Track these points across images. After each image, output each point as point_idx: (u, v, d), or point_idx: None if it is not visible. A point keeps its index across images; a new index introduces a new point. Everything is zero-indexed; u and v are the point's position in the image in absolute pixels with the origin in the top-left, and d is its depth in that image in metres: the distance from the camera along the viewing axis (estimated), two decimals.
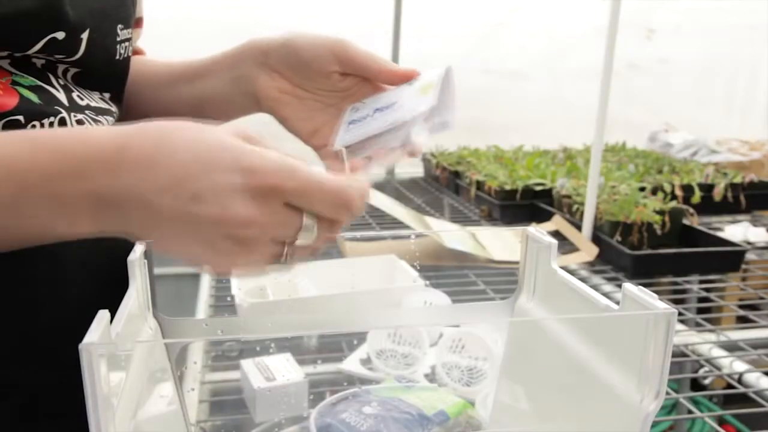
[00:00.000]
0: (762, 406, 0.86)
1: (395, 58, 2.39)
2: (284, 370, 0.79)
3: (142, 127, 0.40)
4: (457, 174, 2.03)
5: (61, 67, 0.49)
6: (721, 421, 1.63)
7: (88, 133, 0.41)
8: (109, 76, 0.54)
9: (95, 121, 0.50)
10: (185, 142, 0.40)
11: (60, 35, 0.46)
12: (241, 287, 1.02)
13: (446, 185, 2.11)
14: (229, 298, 1.02)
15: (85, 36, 0.48)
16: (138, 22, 0.62)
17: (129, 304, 0.39)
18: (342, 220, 0.43)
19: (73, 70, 0.50)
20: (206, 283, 1.26)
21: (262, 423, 0.74)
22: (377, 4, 2.40)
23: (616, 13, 1.28)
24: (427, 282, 1.09)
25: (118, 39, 0.53)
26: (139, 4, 0.61)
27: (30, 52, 0.45)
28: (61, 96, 0.48)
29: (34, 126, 0.45)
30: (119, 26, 0.53)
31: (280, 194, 0.39)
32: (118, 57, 0.54)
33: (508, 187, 1.73)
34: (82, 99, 0.50)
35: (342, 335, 0.98)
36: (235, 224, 0.39)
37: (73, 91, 0.49)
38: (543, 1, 2.73)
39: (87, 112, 0.50)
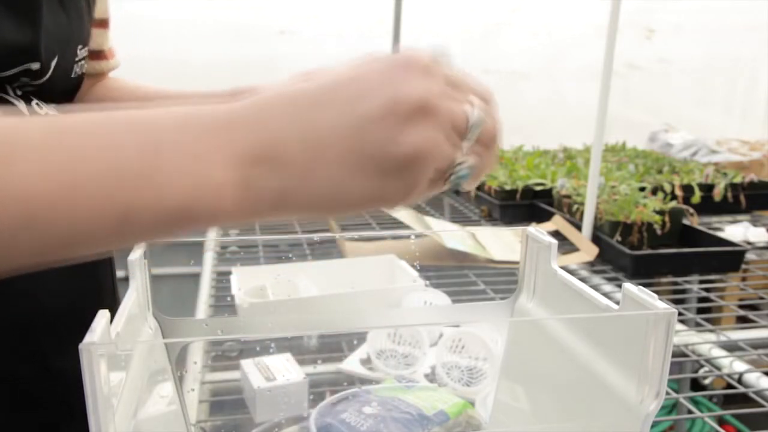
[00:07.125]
0: (762, 406, 0.86)
1: None
2: (284, 370, 0.79)
3: (269, 86, 0.35)
4: None
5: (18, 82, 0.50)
6: (721, 421, 1.63)
7: (219, 101, 0.34)
8: (62, 93, 0.54)
9: None
10: (320, 70, 0.35)
11: (35, 66, 0.47)
12: (241, 287, 1.02)
13: None
14: (229, 298, 1.02)
15: (53, 63, 0.50)
16: (104, 23, 0.63)
17: (129, 304, 0.39)
18: (492, 110, 0.36)
19: (29, 87, 0.50)
20: (206, 283, 1.26)
21: (262, 423, 0.74)
22: (377, 4, 2.40)
23: (616, 13, 1.28)
24: (427, 282, 1.09)
25: (76, 59, 0.54)
26: (101, 5, 0.61)
27: (1, 75, 0.46)
28: (21, 106, 0.48)
29: None
30: (78, 47, 0.54)
31: (441, 74, 0.33)
32: (73, 75, 0.54)
33: (508, 187, 1.73)
34: (41, 108, 0.50)
35: (342, 335, 0.98)
36: (415, 100, 0.31)
37: (31, 101, 0.50)
38: (543, 1, 2.73)
39: None
